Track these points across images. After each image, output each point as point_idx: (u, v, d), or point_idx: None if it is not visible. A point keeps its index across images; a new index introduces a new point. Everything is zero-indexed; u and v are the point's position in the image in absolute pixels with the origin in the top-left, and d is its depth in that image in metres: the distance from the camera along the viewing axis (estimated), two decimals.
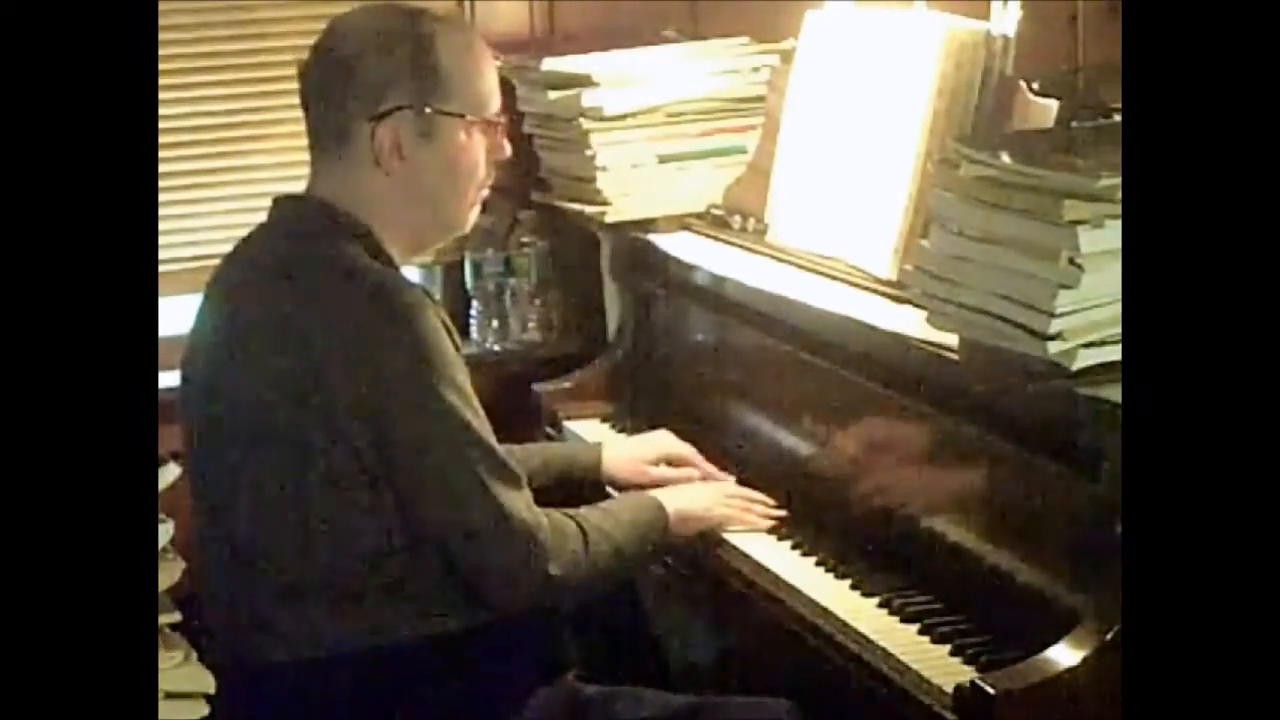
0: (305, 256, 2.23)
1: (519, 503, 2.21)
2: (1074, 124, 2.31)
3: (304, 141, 2.36)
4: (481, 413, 2.22)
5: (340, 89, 2.25)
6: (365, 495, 2.16)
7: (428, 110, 2.26)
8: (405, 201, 2.28)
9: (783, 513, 2.53)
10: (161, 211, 3.13)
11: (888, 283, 2.50)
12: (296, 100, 2.36)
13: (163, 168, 3.26)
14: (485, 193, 2.38)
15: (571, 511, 2.31)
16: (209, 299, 2.33)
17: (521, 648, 2.28)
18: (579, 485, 2.67)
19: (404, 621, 2.20)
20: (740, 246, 2.86)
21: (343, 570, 2.18)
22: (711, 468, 2.69)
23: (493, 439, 2.22)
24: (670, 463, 2.70)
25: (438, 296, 3.42)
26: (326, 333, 2.15)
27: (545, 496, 2.37)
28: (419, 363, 2.16)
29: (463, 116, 2.28)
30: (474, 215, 2.38)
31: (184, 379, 2.33)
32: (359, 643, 2.19)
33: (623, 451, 2.74)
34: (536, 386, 3.11)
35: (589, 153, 3.07)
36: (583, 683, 2.37)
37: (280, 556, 2.20)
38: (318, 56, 2.29)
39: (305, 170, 2.38)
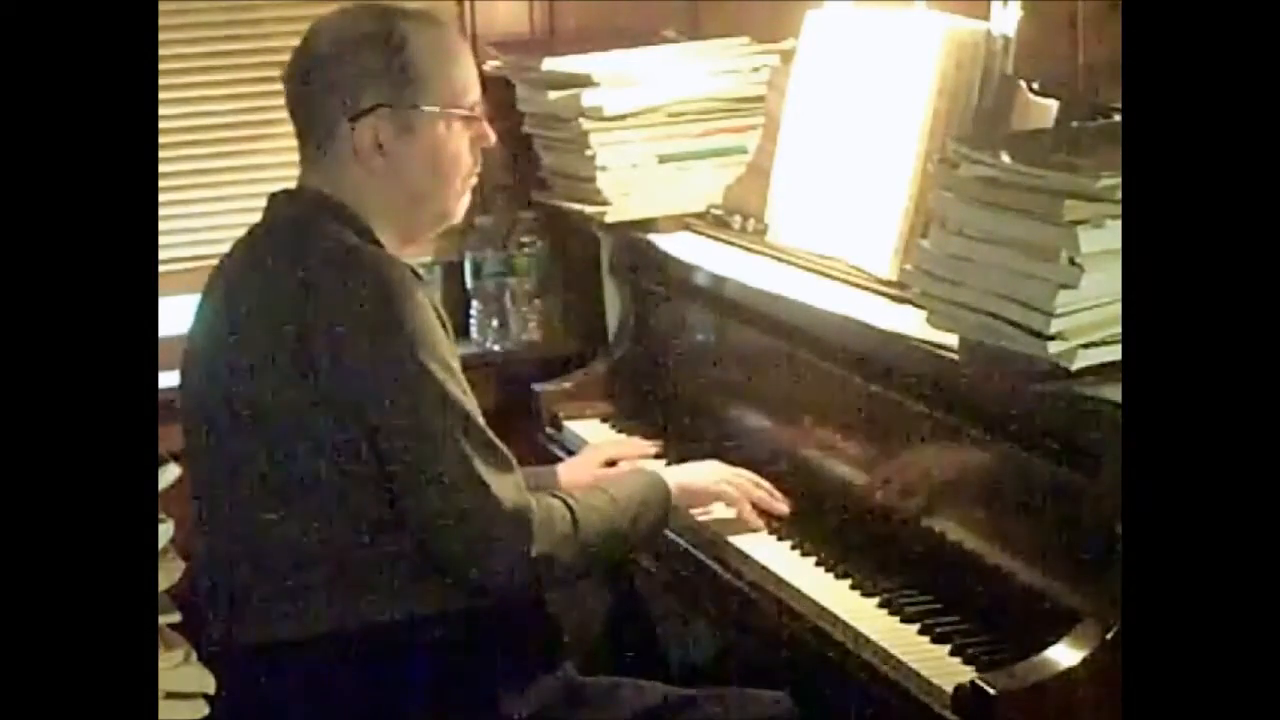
0: (297, 239, 2.27)
1: (507, 483, 2.21)
2: (1074, 124, 2.31)
3: None
4: (470, 393, 2.24)
5: (319, 91, 2.31)
6: (360, 471, 2.18)
7: (404, 107, 2.30)
8: (392, 195, 2.33)
9: (785, 508, 2.53)
10: (161, 211, 3.12)
11: (888, 283, 2.50)
12: None
13: (163, 168, 3.25)
14: (474, 181, 2.41)
15: (563, 493, 2.33)
16: (208, 295, 2.38)
17: (517, 633, 2.29)
18: None
19: (400, 600, 2.21)
20: (740, 246, 2.87)
21: (339, 548, 2.20)
22: (648, 447, 2.81)
23: (481, 419, 2.23)
24: (611, 462, 2.76)
25: (437, 296, 3.44)
26: (317, 311, 2.18)
27: None
28: (407, 340, 2.18)
29: (439, 110, 2.32)
30: (464, 205, 2.42)
31: (184, 372, 2.37)
32: (356, 621, 2.20)
33: (573, 462, 2.79)
34: (536, 386, 3.11)
35: (589, 153, 3.07)
36: (581, 674, 2.37)
37: (277, 535, 2.22)
38: (297, 60, 2.35)
39: None
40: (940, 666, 2.06)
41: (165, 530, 2.67)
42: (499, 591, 2.25)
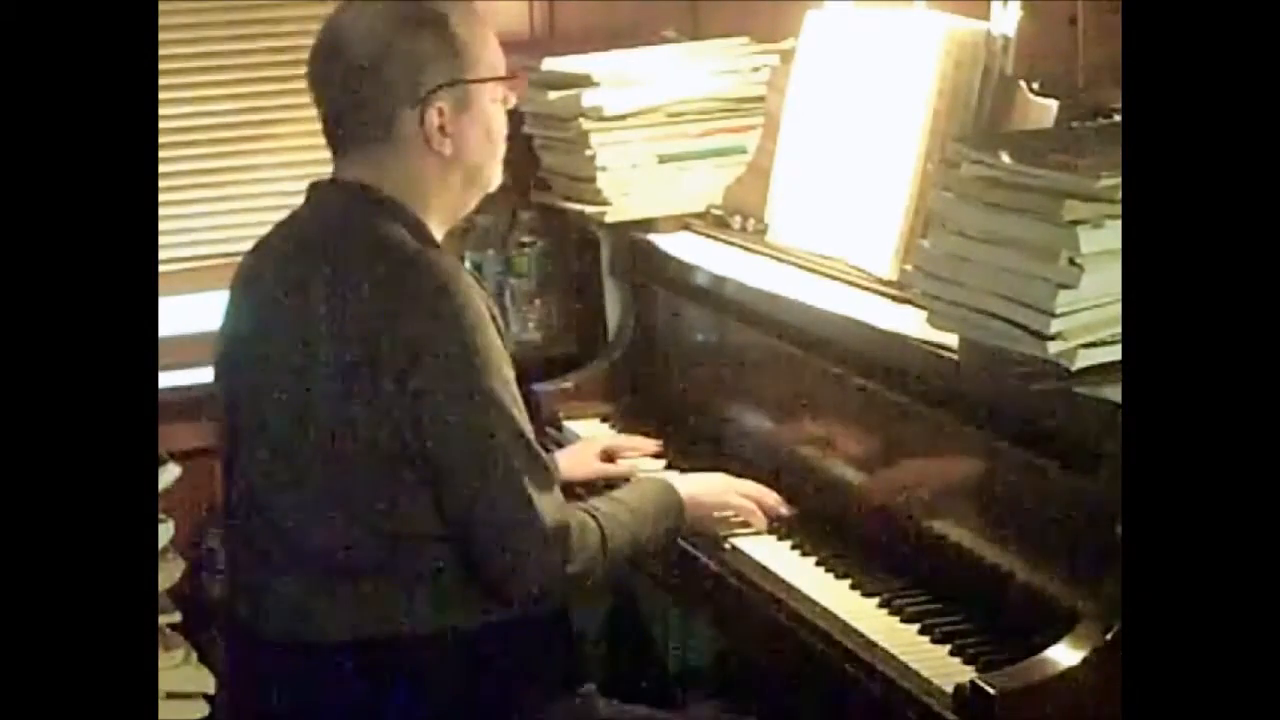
0: (351, 239, 2.25)
1: (549, 501, 2.21)
2: (1074, 124, 2.31)
3: (305, 140, 2.39)
4: (521, 404, 2.24)
5: (374, 86, 2.28)
6: (405, 479, 2.18)
7: (461, 83, 2.30)
8: (453, 173, 2.33)
9: (788, 511, 2.54)
10: (162, 211, 3.13)
11: (888, 283, 2.50)
12: (296, 100, 2.40)
13: (163, 168, 3.25)
14: (505, 145, 2.42)
15: (589, 506, 2.33)
16: (250, 286, 2.35)
17: (540, 652, 2.29)
18: None
19: (430, 612, 2.20)
20: (740, 246, 2.86)
21: (380, 555, 2.19)
22: (648, 443, 2.82)
23: (531, 432, 2.23)
24: (609, 452, 2.79)
25: None
26: (374, 316, 2.17)
27: None
28: (465, 350, 2.17)
29: (487, 79, 2.33)
30: (501, 169, 2.43)
31: (225, 368, 2.35)
32: (386, 629, 2.20)
33: (570, 454, 2.79)
34: (536, 386, 3.10)
35: (589, 153, 3.07)
36: (601, 696, 2.37)
37: (315, 537, 2.21)
38: (337, 55, 2.30)
39: (307, 170, 2.39)
40: (940, 666, 2.06)
41: (165, 530, 2.67)
42: (532, 605, 2.25)
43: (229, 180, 3.47)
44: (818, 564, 2.39)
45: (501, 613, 2.24)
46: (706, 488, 2.53)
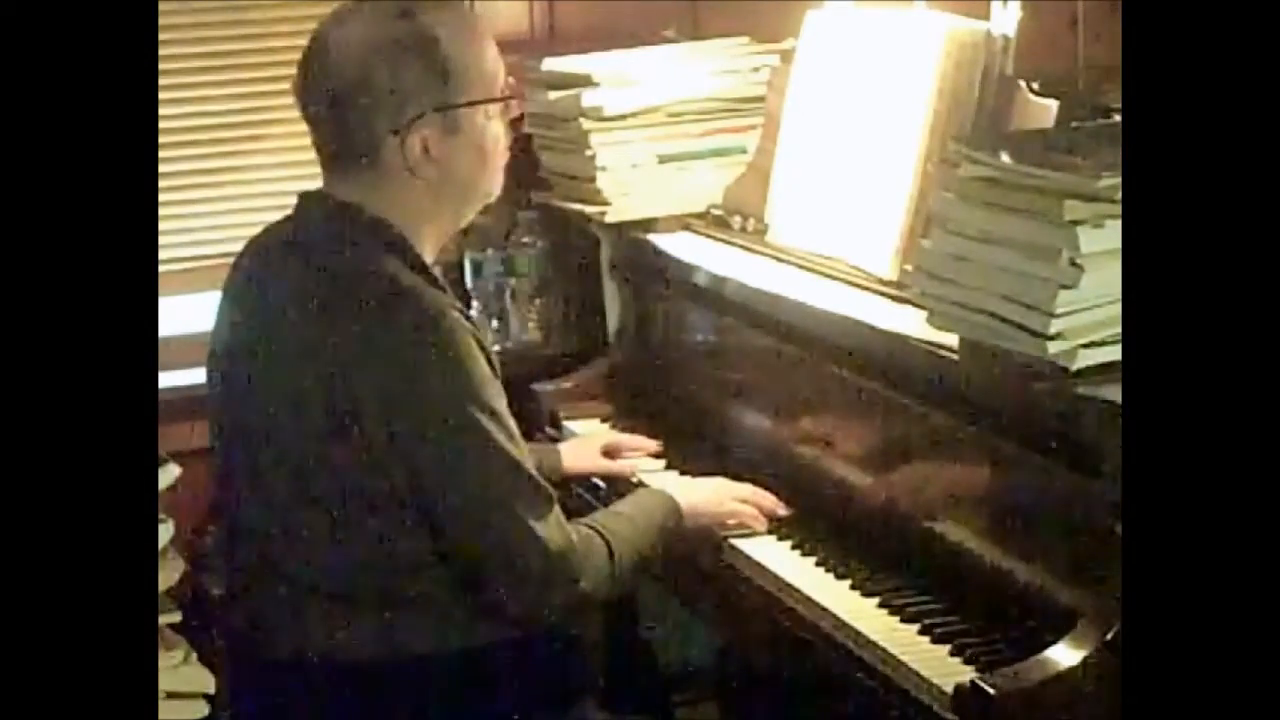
0: (345, 271, 2.20)
1: (551, 528, 2.19)
2: (1074, 124, 2.31)
3: (304, 140, 2.35)
4: (515, 433, 2.21)
5: (356, 107, 2.21)
6: (397, 513, 2.15)
7: (449, 108, 2.23)
8: (441, 196, 2.28)
9: (786, 511, 2.53)
10: (161, 211, 3.13)
11: (888, 283, 2.50)
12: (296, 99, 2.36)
13: (163, 168, 3.26)
14: (508, 154, 2.36)
15: (594, 522, 2.31)
16: (240, 299, 2.30)
17: (542, 670, 2.28)
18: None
19: (430, 633, 2.19)
20: (740, 246, 2.86)
21: (372, 581, 2.17)
22: (649, 443, 2.82)
23: (527, 460, 2.21)
24: (610, 449, 2.80)
25: None
26: (362, 354, 2.13)
27: None
28: (453, 387, 2.14)
29: (481, 101, 2.27)
30: (502, 179, 2.37)
31: (214, 377, 2.31)
32: (384, 650, 2.18)
33: (573, 447, 2.80)
34: (536, 386, 3.10)
35: (589, 153, 3.07)
36: (599, 710, 2.37)
37: (308, 566, 2.19)
38: (320, 74, 2.24)
39: (305, 170, 2.38)
40: (940, 666, 2.06)
41: (165, 530, 2.68)
42: (543, 629, 2.25)
43: (229, 180, 3.48)
44: (818, 564, 2.39)
45: (501, 633, 2.22)
46: (705, 496, 2.52)
